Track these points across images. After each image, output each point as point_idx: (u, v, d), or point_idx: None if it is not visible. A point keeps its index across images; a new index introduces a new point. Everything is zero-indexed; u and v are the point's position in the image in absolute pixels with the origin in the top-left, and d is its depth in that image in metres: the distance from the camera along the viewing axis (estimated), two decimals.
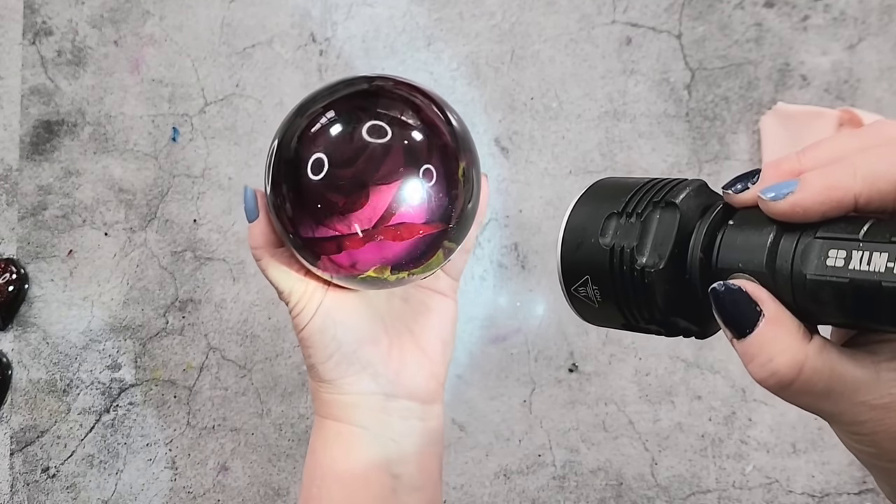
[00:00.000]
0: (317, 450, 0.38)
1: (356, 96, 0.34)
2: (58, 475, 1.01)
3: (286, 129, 0.35)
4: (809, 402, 0.22)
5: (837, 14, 1.03)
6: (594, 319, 0.29)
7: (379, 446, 0.38)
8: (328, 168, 0.32)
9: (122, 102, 1.07)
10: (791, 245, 0.22)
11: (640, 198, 0.26)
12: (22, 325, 1.04)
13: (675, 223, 0.25)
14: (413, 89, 0.35)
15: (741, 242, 0.23)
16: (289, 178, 0.34)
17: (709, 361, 1.00)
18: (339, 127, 0.33)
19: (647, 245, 0.25)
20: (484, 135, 1.04)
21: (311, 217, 0.33)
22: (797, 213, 0.22)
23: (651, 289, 0.25)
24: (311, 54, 1.07)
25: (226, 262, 1.04)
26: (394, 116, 0.33)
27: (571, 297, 0.28)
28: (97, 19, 1.09)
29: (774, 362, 0.22)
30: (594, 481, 0.98)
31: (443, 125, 0.35)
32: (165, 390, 1.02)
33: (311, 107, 0.34)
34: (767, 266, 0.22)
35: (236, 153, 1.06)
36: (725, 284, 0.23)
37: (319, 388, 0.38)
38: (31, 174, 1.07)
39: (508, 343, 1.01)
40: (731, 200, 0.24)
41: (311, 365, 0.38)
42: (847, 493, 0.97)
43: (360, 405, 0.37)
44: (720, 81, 1.03)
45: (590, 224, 0.27)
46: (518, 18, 1.06)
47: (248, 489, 1.00)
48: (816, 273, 0.21)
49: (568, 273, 0.27)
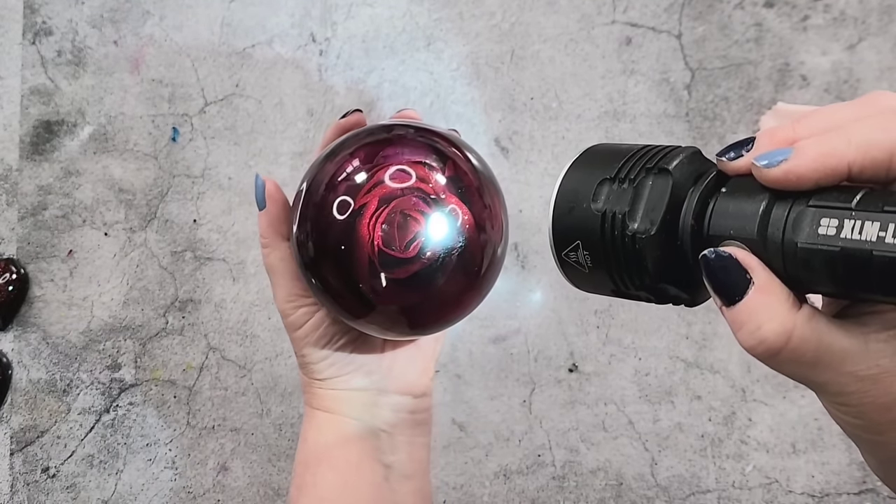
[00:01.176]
0: (308, 438, 0.38)
1: (380, 143, 0.34)
2: (58, 475, 1.01)
3: (315, 175, 0.35)
4: (797, 371, 0.22)
5: (837, 14, 1.03)
6: (584, 285, 0.28)
7: (371, 436, 0.38)
8: (352, 210, 0.32)
9: (122, 102, 1.07)
10: (783, 213, 0.22)
11: (632, 164, 0.26)
12: (22, 325, 1.04)
13: (668, 189, 0.24)
14: (434, 134, 0.35)
15: (733, 210, 0.23)
16: (314, 218, 0.34)
17: (709, 361, 1.00)
18: (363, 175, 0.33)
19: (639, 211, 0.25)
20: (484, 135, 1.04)
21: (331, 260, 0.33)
22: (790, 181, 0.21)
23: (642, 255, 0.25)
24: (311, 54, 1.07)
25: (226, 262, 1.04)
26: (418, 162, 0.33)
27: (562, 262, 0.28)
28: (97, 19, 1.09)
29: (763, 330, 0.22)
30: (594, 481, 0.98)
31: (466, 167, 0.34)
32: (165, 390, 1.02)
33: (339, 153, 0.34)
34: (759, 233, 0.22)
35: (236, 153, 1.06)
36: (716, 251, 0.23)
37: (311, 383, 0.38)
38: (31, 174, 1.07)
39: (508, 343, 1.01)
40: (725, 168, 0.24)
41: (304, 364, 0.38)
42: (847, 494, 0.97)
43: (353, 400, 0.38)
44: (720, 81, 1.03)
45: (582, 189, 0.27)
46: (518, 18, 1.06)
47: (248, 489, 1.00)
48: (808, 241, 0.21)
49: (559, 238, 0.27)
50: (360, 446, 0.37)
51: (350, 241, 0.32)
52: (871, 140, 0.20)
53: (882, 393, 0.21)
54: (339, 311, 0.35)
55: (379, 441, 0.38)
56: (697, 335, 1.00)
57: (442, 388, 1.00)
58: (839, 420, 0.23)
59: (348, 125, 0.37)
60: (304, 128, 1.05)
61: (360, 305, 0.34)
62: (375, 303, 0.33)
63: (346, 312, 0.34)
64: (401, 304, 0.33)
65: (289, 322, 0.37)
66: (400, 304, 0.33)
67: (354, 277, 0.33)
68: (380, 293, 0.33)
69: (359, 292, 0.33)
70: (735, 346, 1.00)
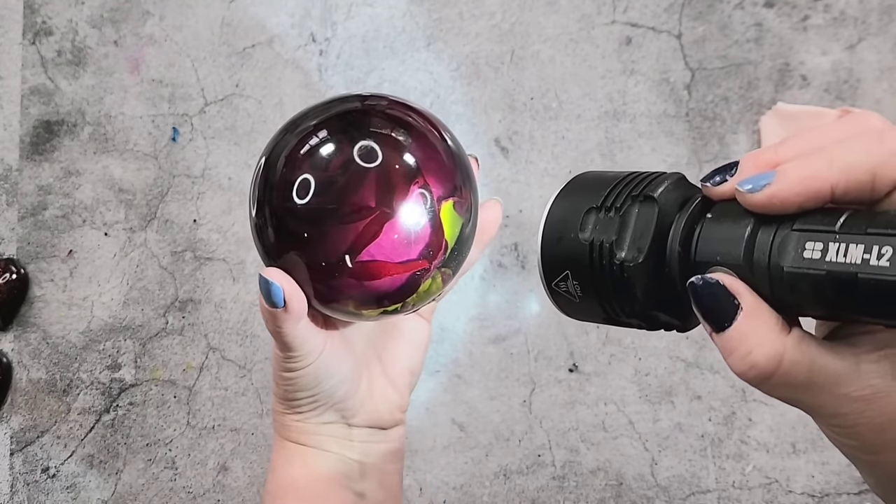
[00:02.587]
0: (277, 468, 0.38)
1: (348, 115, 0.33)
2: (58, 475, 1.01)
3: (273, 148, 0.33)
4: (790, 395, 0.22)
5: (837, 14, 1.03)
6: (575, 314, 0.29)
7: (341, 465, 0.38)
8: (313, 192, 0.30)
9: (122, 102, 1.07)
10: (768, 238, 0.22)
11: (618, 192, 0.26)
12: (22, 325, 1.04)
13: (654, 217, 0.25)
14: (408, 109, 0.34)
15: (719, 235, 0.23)
16: (274, 200, 0.32)
17: (708, 362, 1.00)
18: (329, 148, 0.31)
19: (626, 239, 0.25)
20: (484, 135, 1.04)
21: (293, 243, 0.31)
22: (774, 205, 0.21)
23: (630, 283, 0.25)
24: (311, 54, 1.07)
25: (226, 262, 1.04)
26: (386, 136, 0.31)
27: (552, 291, 0.28)
28: (97, 19, 1.09)
29: (753, 355, 0.22)
30: (594, 481, 0.98)
31: (439, 146, 0.33)
32: (165, 390, 1.02)
33: (301, 124, 0.32)
34: (745, 258, 0.22)
35: (236, 153, 1.06)
36: (703, 278, 0.23)
37: (284, 414, 0.38)
38: (31, 174, 1.07)
39: (508, 343, 1.01)
40: (710, 193, 0.24)
41: (282, 396, 0.37)
42: (847, 493, 0.97)
43: (323, 433, 0.37)
44: (720, 81, 1.03)
45: (569, 218, 0.27)
46: (518, 18, 1.06)
47: (247, 489, 1.00)
48: (793, 265, 0.21)
49: (548, 268, 0.28)
50: (330, 476, 0.37)
51: (313, 224, 0.30)
52: (853, 162, 0.20)
53: (877, 413, 0.21)
54: (313, 295, 0.33)
55: (349, 470, 0.38)
56: (697, 335, 1.00)
57: (442, 388, 1.00)
58: (835, 441, 0.23)
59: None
60: None
61: (329, 284, 0.32)
62: (342, 285, 0.31)
63: (317, 296, 0.33)
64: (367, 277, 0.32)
65: (281, 364, 0.36)
66: (367, 278, 0.32)
67: (321, 260, 0.31)
68: (346, 276, 0.31)
69: (327, 273, 0.31)
70: None
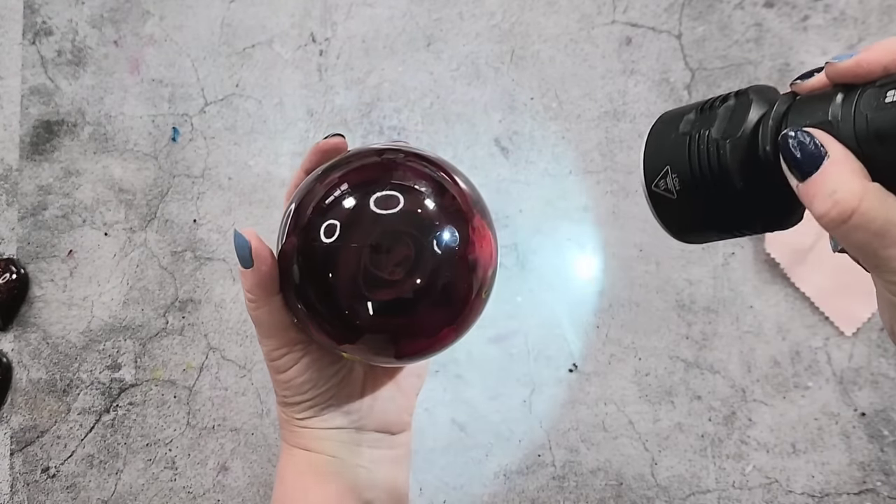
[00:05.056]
0: (286, 477, 0.38)
1: (369, 168, 0.34)
2: (58, 475, 1.01)
3: (304, 196, 0.34)
4: (864, 240, 0.23)
5: (837, 14, 1.03)
6: (672, 217, 0.29)
7: (350, 473, 0.37)
8: (339, 234, 0.31)
9: (122, 102, 1.07)
10: (854, 97, 0.24)
11: (711, 101, 0.28)
12: (22, 325, 1.04)
13: (749, 104, 0.26)
14: (422, 159, 0.34)
15: (809, 108, 0.25)
16: (301, 240, 0.33)
17: (709, 361, 1.00)
18: (354, 198, 0.32)
19: (724, 124, 0.27)
20: (484, 135, 1.04)
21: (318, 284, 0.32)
22: (861, 68, 0.23)
23: (726, 163, 0.26)
24: (311, 54, 1.07)
25: (226, 262, 1.04)
26: (407, 186, 0.32)
27: (651, 194, 0.29)
28: (97, 19, 1.09)
29: (837, 193, 0.23)
30: (594, 481, 0.98)
31: (456, 192, 0.34)
32: (165, 390, 1.02)
33: (329, 176, 0.33)
34: (832, 116, 0.24)
35: (236, 153, 1.06)
36: (794, 130, 0.25)
37: (290, 421, 0.38)
38: (30, 174, 1.07)
39: (508, 343, 1.01)
40: (800, 88, 0.26)
41: (284, 402, 0.37)
42: (847, 494, 0.97)
43: (332, 438, 0.37)
44: (720, 82, 1.03)
45: (670, 126, 0.29)
46: (518, 18, 1.06)
47: (247, 489, 1.00)
48: (876, 111, 0.22)
49: (649, 168, 0.29)
50: (339, 484, 0.37)
51: (337, 266, 0.31)
52: None
53: None
54: (324, 338, 0.34)
55: (357, 477, 0.38)
56: (697, 335, 1.00)
57: (442, 388, 1.00)
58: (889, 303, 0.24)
59: (327, 147, 0.36)
60: (304, 128, 1.05)
61: (346, 331, 0.32)
62: (362, 329, 0.32)
63: (331, 339, 0.34)
64: (388, 330, 0.32)
65: (273, 366, 0.37)
66: (387, 331, 0.32)
67: (341, 303, 0.32)
68: (367, 319, 0.32)
69: (345, 318, 0.32)
70: (735, 345, 1.00)
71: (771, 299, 1.00)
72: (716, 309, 1.00)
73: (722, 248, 1.00)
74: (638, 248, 1.00)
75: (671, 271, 1.00)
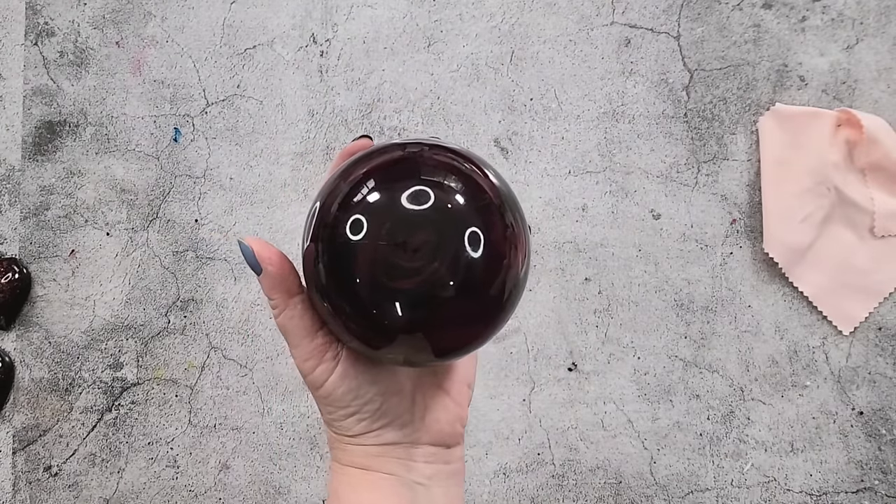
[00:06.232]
0: (341, 496, 0.36)
1: (396, 162, 0.32)
2: (60, 474, 1.02)
3: (328, 193, 0.33)
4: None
5: (835, 15, 1.04)
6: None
7: (408, 490, 0.36)
8: (367, 230, 0.30)
9: (123, 103, 1.08)
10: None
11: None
12: (24, 324, 1.04)
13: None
14: (450, 152, 0.33)
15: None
16: (326, 238, 0.31)
17: (707, 361, 1.00)
18: (381, 193, 0.31)
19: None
20: (483, 135, 1.05)
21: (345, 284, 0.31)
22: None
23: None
24: (312, 55, 1.07)
25: (227, 261, 1.05)
26: (436, 181, 0.31)
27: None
28: (99, 20, 1.10)
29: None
30: (593, 480, 0.99)
31: (485, 184, 0.32)
32: (167, 389, 1.03)
33: (353, 172, 0.33)
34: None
35: (237, 153, 1.06)
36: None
37: (340, 439, 0.36)
38: (33, 174, 1.07)
39: (508, 342, 1.01)
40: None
41: (329, 422, 0.36)
42: (845, 492, 0.97)
43: (386, 454, 0.36)
44: (718, 82, 1.04)
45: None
46: (518, 20, 1.07)
47: (249, 487, 1.01)
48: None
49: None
50: (397, 502, 0.35)
51: (365, 264, 0.30)
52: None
53: None
54: (358, 342, 0.32)
55: (416, 495, 0.36)
56: (696, 334, 1.01)
57: None
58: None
59: (355, 150, 0.35)
60: (304, 128, 1.06)
61: (380, 333, 0.31)
62: (395, 329, 0.31)
63: (365, 342, 0.32)
64: (423, 328, 0.31)
65: (309, 381, 0.35)
66: (422, 329, 0.31)
67: (371, 303, 0.30)
68: (399, 318, 0.30)
69: (376, 319, 0.31)
70: (733, 345, 1.00)
71: (769, 299, 1.00)
72: (714, 308, 1.01)
73: (720, 248, 1.01)
74: (637, 247, 1.01)
75: (670, 271, 1.01)
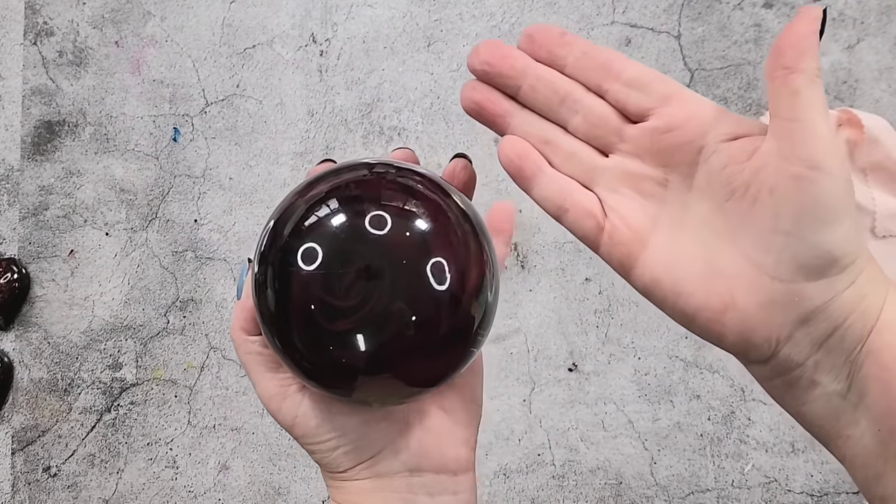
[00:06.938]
0: None
1: (358, 184, 0.30)
2: (59, 474, 1.02)
3: (282, 213, 0.30)
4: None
5: (836, 15, 1.04)
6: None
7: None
8: (321, 260, 0.27)
9: (123, 103, 1.08)
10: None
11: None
12: (23, 324, 1.04)
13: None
14: (416, 175, 0.31)
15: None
16: (277, 264, 0.28)
17: (708, 361, 1.00)
18: (339, 217, 0.28)
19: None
20: (483, 135, 1.05)
21: (296, 317, 0.28)
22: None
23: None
24: (312, 55, 1.07)
25: (226, 261, 1.04)
26: (397, 206, 0.28)
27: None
28: (98, 20, 1.09)
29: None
30: (593, 480, 0.99)
31: (450, 213, 0.30)
32: (166, 390, 1.03)
33: (309, 191, 0.30)
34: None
35: (237, 153, 1.06)
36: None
37: (332, 476, 0.33)
38: (32, 174, 1.07)
39: (508, 343, 1.01)
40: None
41: (316, 459, 0.33)
42: (846, 493, 0.97)
43: (383, 488, 0.32)
44: (719, 82, 1.04)
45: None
46: (518, 19, 1.07)
47: (248, 488, 1.01)
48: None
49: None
50: None
51: (318, 298, 0.27)
52: None
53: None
54: (313, 381, 0.29)
55: None
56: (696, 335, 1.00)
57: None
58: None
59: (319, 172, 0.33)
60: (304, 128, 1.06)
61: (337, 373, 0.28)
62: (356, 367, 0.27)
63: (322, 383, 0.29)
64: (389, 368, 0.28)
65: (280, 420, 0.32)
66: (389, 369, 0.28)
67: (326, 339, 0.27)
68: (359, 354, 0.27)
69: (333, 357, 0.27)
70: None
71: None
72: None
73: None
74: None
75: None
